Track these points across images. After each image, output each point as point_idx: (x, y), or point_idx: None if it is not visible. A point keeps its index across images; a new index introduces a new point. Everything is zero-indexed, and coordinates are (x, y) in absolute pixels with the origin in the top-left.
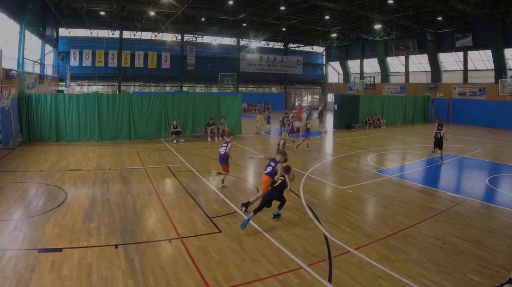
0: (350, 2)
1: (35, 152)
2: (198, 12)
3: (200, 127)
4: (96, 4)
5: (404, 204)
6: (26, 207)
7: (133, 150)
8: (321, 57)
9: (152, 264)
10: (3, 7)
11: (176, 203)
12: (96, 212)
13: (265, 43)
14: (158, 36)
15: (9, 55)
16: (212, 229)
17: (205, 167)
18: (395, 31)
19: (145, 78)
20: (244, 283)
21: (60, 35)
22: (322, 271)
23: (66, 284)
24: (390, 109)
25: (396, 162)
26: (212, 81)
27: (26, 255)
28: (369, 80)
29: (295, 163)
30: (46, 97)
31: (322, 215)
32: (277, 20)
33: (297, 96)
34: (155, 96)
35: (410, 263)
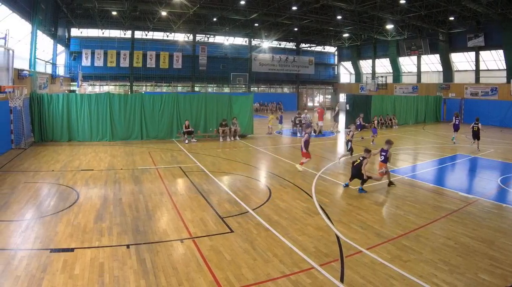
0: (362, 2)
1: (47, 151)
2: (210, 12)
3: (212, 127)
4: (108, 4)
5: (416, 204)
6: (38, 207)
7: (145, 150)
8: (333, 57)
9: (164, 264)
10: (15, 7)
11: (188, 203)
12: (108, 212)
13: (277, 43)
14: (170, 36)
15: (21, 55)
16: (224, 229)
17: (217, 167)
18: (407, 31)
19: (157, 78)
20: (256, 283)
21: (72, 35)
22: (334, 271)
23: (78, 284)
24: (402, 109)
25: (408, 162)
26: (224, 81)
27: (38, 255)
28: (381, 80)
29: (307, 163)
30: (58, 97)
31: (334, 215)
32: (289, 20)
33: (309, 96)
34: (167, 96)
35: (422, 263)
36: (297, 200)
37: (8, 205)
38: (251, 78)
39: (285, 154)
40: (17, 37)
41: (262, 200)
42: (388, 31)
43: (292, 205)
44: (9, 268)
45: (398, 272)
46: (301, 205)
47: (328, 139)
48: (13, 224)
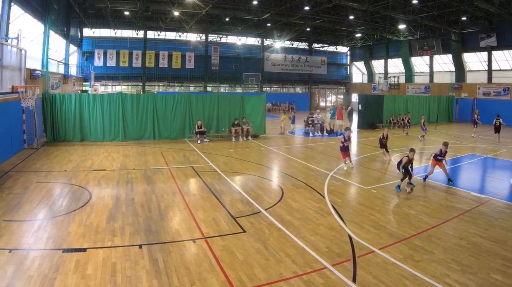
0: (375, 2)
1: (59, 152)
2: (222, 12)
3: (224, 127)
4: (120, 4)
5: (428, 204)
6: (50, 207)
7: (157, 150)
8: (346, 57)
9: (176, 264)
10: (28, 7)
11: (200, 203)
12: (120, 212)
13: (289, 43)
14: (182, 36)
15: (34, 55)
16: (236, 229)
17: (229, 167)
18: (419, 31)
19: (169, 78)
20: (269, 283)
21: (84, 35)
22: (347, 271)
23: (91, 284)
24: (414, 109)
25: (421, 162)
26: (236, 81)
27: (50, 255)
28: (393, 80)
29: (320, 163)
30: (71, 97)
31: (346, 215)
32: (302, 20)
33: (322, 96)
34: (179, 96)
35: (434, 263)
36: (309, 200)
37: (20, 205)
38: (264, 78)
39: (298, 154)
40: (29, 37)
41: (275, 200)
42: (400, 31)
43: (305, 205)
44: (22, 268)
45: (410, 272)
46: (313, 205)
47: (340, 139)
48: (26, 224)
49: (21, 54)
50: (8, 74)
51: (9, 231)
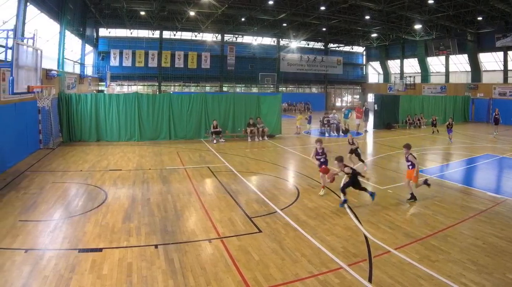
0: (390, 2)
1: (75, 151)
2: (238, 12)
3: (240, 127)
4: (136, 4)
5: (444, 204)
6: (66, 207)
7: (173, 150)
8: (361, 57)
9: (192, 264)
10: (44, 7)
11: (216, 203)
12: (136, 212)
13: (305, 43)
14: (198, 36)
15: (49, 55)
16: (252, 229)
17: (245, 167)
18: (435, 31)
19: (185, 78)
20: (284, 283)
21: (100, 35)
22: (362, 271)
23: (106, 284)
24: (430, 110)
25: (436, 162)
26: (252, 81)
27: (66, 255)
28: (409, 80)
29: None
30: (86, 97)
31: (362, 215)
32: (317, 20)
33: (337, 96)
34: (195, 96)
35: (450, 263)
36: (325, 200)
37: (36, 205)
38: (279, 78)
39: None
40: (45, 37)
41: (290, 200)
42: (416, 31)
43: (320, 205)
44: (38, 268)
45: (426, 272)
46: (329, 205)
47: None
48: (41, 224)
49: (37, 54)
50: (24, 74)
51: (25, 231)
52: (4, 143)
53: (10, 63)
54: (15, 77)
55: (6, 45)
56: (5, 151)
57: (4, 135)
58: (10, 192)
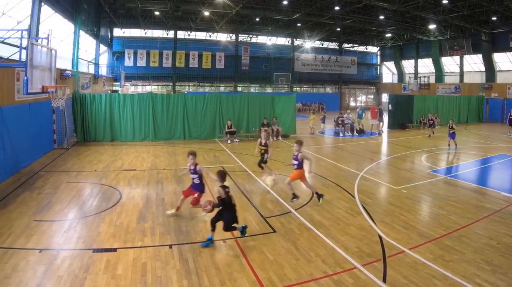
0: (405, 2)
1: (89, 151)
2: (252, 12)
3: (254, 127)
4: (151, 4)
5: (459, 204)
6: (80, 207)
7: (187, 149)
8: (376, 57)
9: (206, 264)
10: (58, 7)
11: None
12: (150, 212)
13: (319, 43)
14: (212, 36)
15: (64, 55)
16: (267, 229)
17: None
18: (449, 31)
19: (200, 78)
20: (299, 283)
21: (114, 35)
22: (377, 271)
23: (121, 284)
24: (444, 110)
25: (451, 162)
26: (267, 81)
27: (81, 255)
28: (424, 80)
29: (350, 163)
30: (101, 97)
31: (377, 215)
32: (332, 20)
33: (352, 96)
34: (210, 96)
35: (464, 263)
36: (339, 200)
37: (50, 205)
38: (294, 78)
39: (328, 154)
40: (59, 37)
41: (305, 200)
42: (430, 31)
43: (335, 205)
44: (52, 268)
45: (440, 272)
46: (343, 205)
47: (370, 139)
48: (56, 224)
49: (51, 54)
50: (39, 74)
51: (39, 231)
52: (18, 143)
53: (24, 63)
54: (29, 77)
55: (21, 45)
56: (19, 151)
57: (19, 135)
58: (25, 192)
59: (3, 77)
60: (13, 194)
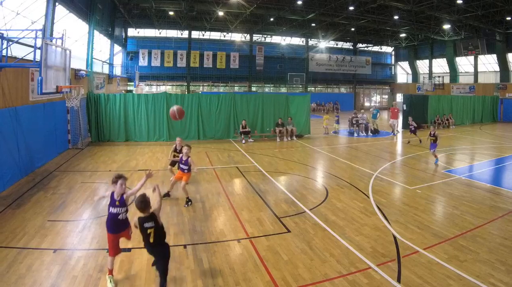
0: (419, 2)
1: (103, 152)
2: (266, 12)
3: (269, 127)
4: (165, 4)
5: (473, 204)
6: (94, 207)
7: (202, 149)
8: (390, 57)
9: (221, 264)
10: (72, 7)
11: (245, 203)
12: (165, 212)
13: (333, 43)
14: (227, 36)
15: (78, 55)
16: (281, 229)
17: (274, 167)
18: (464, 31)
19: (214, 78)
20: (313, 283)
21: (128, 35)
22: (391, 271)
23: (135, 284)
24: (459, 110)
25: (465, 162)
26: (281, 81)
27: (95, 255)
28: (438, 81)
29: (364, 163)
30: (115, 97)
31: (391, 215)
32: (346, 20)
33: (366, 96)
34: (224, 96)
35: (478, 263)
36: (354, 200)
37: (65, 205)
38: (308, 78)
39: (342, 154)
40: (74, 37)
41: (319, 200)
42: (445, 31)
43: (349, 205)
44: (66, 268)
45: (455, 272)
46: (358, 205)
47: (385, 139)
48: (70, 224)
49: (65, 54)
50: (53, 74)
51: (53, 231)
52: (33, 143)
53: (39, 63)
54: (44, 78)
55: (35, 45)
56: (34, 151)
57: (33, 135)
58: (39, 192)
59: (18, 77)
60: (27, 194)
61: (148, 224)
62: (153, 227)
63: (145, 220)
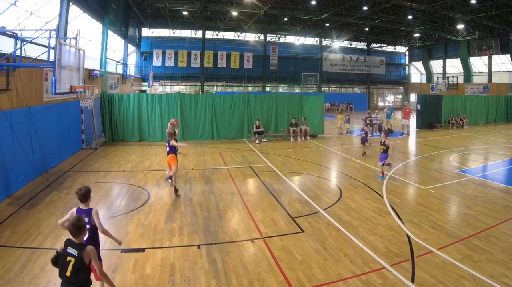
0: (433, 2)
1: (117, 152)
2: (280, 12)
3: (282, 127)
4: (179, 4)
5: (487, 204)
6: (108, 207)
7: (215, 149)
8: (404, 57)
9: (234, 264)
10: (86, 7)
11: (258, 203)
12: (178, 212)
13: (347, 43)
14: (240, 36)
15: (92, 55)
16: (295, 229)
17: (287, 167)
18: (477, 31)
19: (228, 78)
20: (327, 283)
21: (142, 35)
22: (405, 271)
23: (149, 284)
24: (473, 109)
25: (479, 162)
26: (295, 81)
27: (109, 255)
28: (452, 81)
29: (378, 163)
30: (129, 97)
31: (405, 215)
32: (360, 20)
33: (380, 96)
34: (238, 96)
35: (492, 263)
36: (368, 200)
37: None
38: (322, 78)
39: (356, 154)
40: (87, 37)
41: (333, 200)
42: (459, 31)
43: (363, 205)
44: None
45: (469, 272)
46: (372, 205)
47: (398, 139)
48: None
49: (79, 54)
50: (67, 74)
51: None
52: (47, 143)
53: (53, 63)
54: (57, 77)
55: (49, 45)
56: (48, 151)
57: (47, 135)
58: (53, 192)
59: (32, 77)
60: (41, 194)
61: (71, 250)
62: (75, 257)
63: (71, 244)
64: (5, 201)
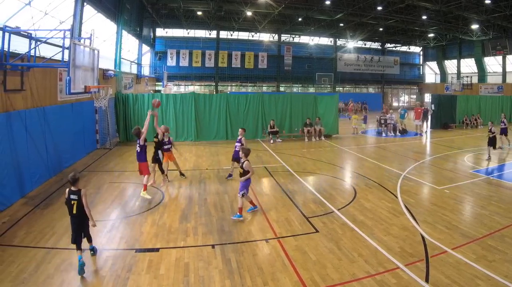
0: (447, 2)
1: (132, 151)
2: (295, 12)
3: (297, 127)
4: (193, 4)
5: (501, 204)
6: (123, 207)
7: (230, 149)
8: (418, 57)
9: (249, 264)
10: (100, 7)
11: (273, 203)
12: (193, 212)
13: (362, 43)
14: (255, 36)
15: (106, 55)
16: (309, 229)
17: (302, 167)
18: (492, 31)
19: (242, 78)
20: (341, 283)
21: (157, 35)
22: (419, 271)
23: (163, 284)
24: (487, 110)
25: (494, 162)
26: (309, 81)
27: (123, 255)
28: (466, 81)
29: (393, 163)
30: (143, 97)
31: (419, 215)
32: (374, 20)
33: (394, 96)
34: (252, 96)
35: (507, 263)
36: (382, 200)
37: (93, 205)
38: (336, 78)
39: (370, 154)
40: (102, 37)
41: (347, 200)
42: (473, 31)
43: (377, 205)
44: (95, 268)
45: (483, 272)
46: (386, 205)
47: (412, 139)
48: (99, 224)
49: (93, 54)
50: (81, 74)
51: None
52: (61, 143)
53: (67, 63)
54: (72, 78)
55: (63, 45)
56: (62, 151)
57: (61, 135)
58: None
59: (46, 77)
60: (56, 194)
61: (73, 196)
62: (76, 200)
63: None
64: (19, 201)
